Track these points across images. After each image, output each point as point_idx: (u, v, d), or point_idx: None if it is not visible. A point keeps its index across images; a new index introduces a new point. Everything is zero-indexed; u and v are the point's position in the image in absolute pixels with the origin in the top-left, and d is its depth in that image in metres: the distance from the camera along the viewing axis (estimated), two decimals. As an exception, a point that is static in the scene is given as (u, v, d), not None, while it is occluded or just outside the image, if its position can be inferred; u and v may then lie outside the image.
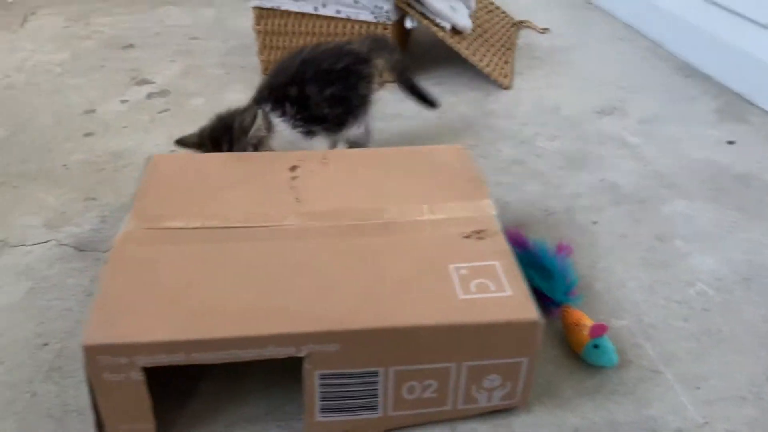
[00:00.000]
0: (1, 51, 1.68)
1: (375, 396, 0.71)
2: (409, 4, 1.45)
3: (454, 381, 0.71)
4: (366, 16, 1.45)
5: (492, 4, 1.83)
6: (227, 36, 1.82)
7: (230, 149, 0.99)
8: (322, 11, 1.46)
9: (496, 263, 0.75)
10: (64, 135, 1.32)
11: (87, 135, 1.32)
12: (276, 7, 1.48)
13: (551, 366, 0.82)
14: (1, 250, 1.01)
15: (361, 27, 1.46)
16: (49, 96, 1.47)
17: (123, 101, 1.46)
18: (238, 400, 0.78)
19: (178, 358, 0.65)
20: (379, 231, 0.79)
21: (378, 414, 0.72)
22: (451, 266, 0.74)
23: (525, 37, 1.79)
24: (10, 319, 0.89)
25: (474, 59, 1.49)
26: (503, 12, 1.84)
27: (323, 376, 0.68)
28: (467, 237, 0.78)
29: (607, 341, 0.81)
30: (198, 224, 0.79)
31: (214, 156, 0.98)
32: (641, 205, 1.12)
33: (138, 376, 0.66)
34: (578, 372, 0.82)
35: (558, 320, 0.86)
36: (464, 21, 1.52)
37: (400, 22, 1.50)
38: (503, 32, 1.73)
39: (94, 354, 0.64)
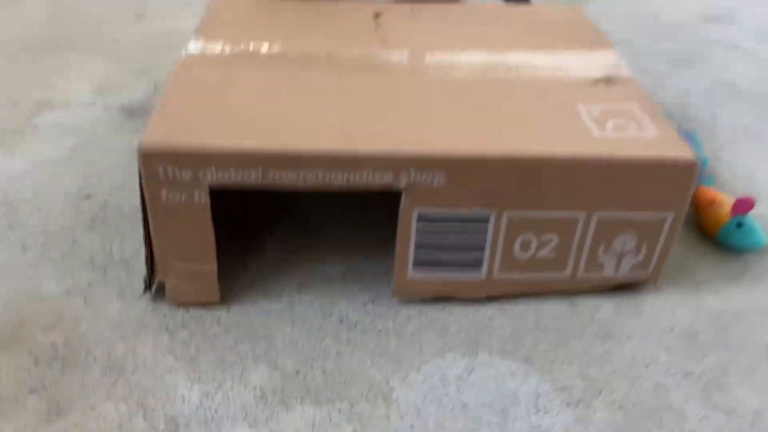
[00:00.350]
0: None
1: (481, 248, 0.58)
2: None
3: (579, 237, 0.58)
4: None
5: None
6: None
7: None
8: None
9: (635, 105, 0.61)
10: (112, 16, 1.21)
11: (138, 16, 1.21)
12: None
13: (679, 249, 0.69)
14: (43, 109, 0.91)
15: None
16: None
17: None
18: (309, 261, 0.66)
19: (253, 177, 0.53)
20: (490, 70, 0.66)
21: (482, 274, 0.60)
22: (581, 106, 0.61)
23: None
24: (51, 171, 0.78)
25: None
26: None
27: (423, 217, 0.56)
28: (595, 83, 0.65)
29: (753, 219, 0.67)
30: (277, 50, 0.67)
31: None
32: (766, 101, 0.97)
33: (203, 198, 0.54)
34: (714, 254, 0.69)
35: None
36: None
37: None
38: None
39: (152, 163, 0.52)
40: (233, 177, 0.53)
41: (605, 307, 0.62)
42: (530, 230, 0.57)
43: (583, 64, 0.68)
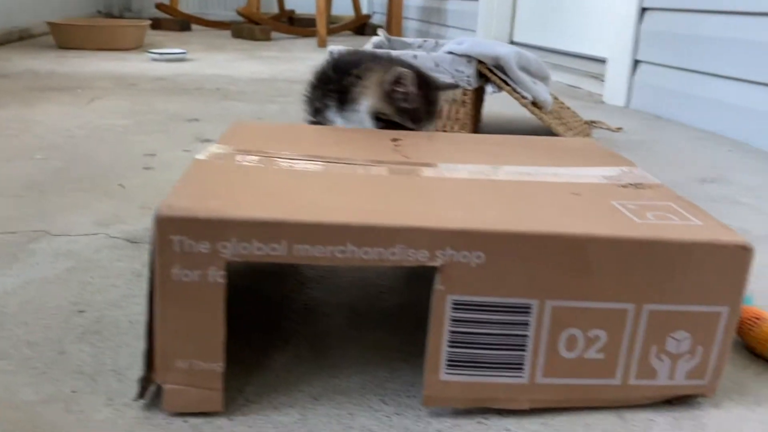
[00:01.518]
0: (65, 117, 1.65)
1: (523, 345, 0.52)
2: (491, 71, 1.41)
3: (629, 335, 0.53)
4: (446, 78, 1.40)
5: (563, 103, 1.79)
6: (290, 120, 1.79)
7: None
8: (401, 74, 1.42)
9: (671, 202, 0.59)
10: (122, 167, 1.22)
11: (146, 168, 1.23)
12: (353, 70, 1.44)
13: (730, 368, 0.63)
14: (42, 237, 0.87)
15: (440, 91, 1.41)
16: (110, 145, 1.40)
17: (185, 150, 1.38)
18: (322, 374, 0.59)
19: (278, 251, 0.49)
20: (519, 174, 0.65)
21: (524, 377, 0.53)
22: (615, 203, 0.59)
23: (598, 134, 1.72)
24: (43, 288, 0.73)
25: (558, 130, 1.42)
26: (574, 111, 1.80)
27: (458, 305, 0.51)
28: (624, 186, 0.64)
29: (805, 333, 0.62)
30: (299, 154, 0.66)
31: (301, 125, 0.86)
32: (781, 244, 0.96)
33: (219, 277, 0.49)
34: (767, 373, 0.62)
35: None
36: (545, 95, 1.46)
37: (479, 88, 1.45)
38: (578, 123, 1.67)
39: (168, 232, 0.48)
40: (256, 250, 0.49)
41: (660, 421, 0.54)
42: (576, 325, 0.52)
43: (609, 173, 0.67)
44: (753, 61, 1.63)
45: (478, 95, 1.50)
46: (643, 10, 2.06)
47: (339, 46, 1.25)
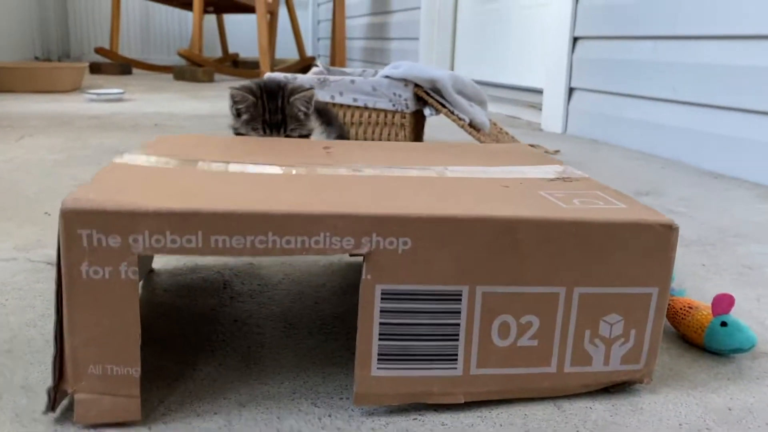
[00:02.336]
0: (-7, 154, 1.59)
1: (455, 336, 0.51)
2: (428, 94, 1.42)
3: (562, 319, 0.52)
4: (384, 104, 1.41)
5: (502, 128, 1.82)
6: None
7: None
8: (339, 99, 1.42)
9: (597, 192, 0.60)
10: (49, 197, 1.17)
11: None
12: (291, 96, 1.44)
13: (667, 357, 0.63)
14: (-44, 262, 0.82)
15: (378, 115, 1.42)
16: (37, 177, 1.35)
17: (119, 180, 1.33)
18: (250, 381, 0.56)
19: (193, 243, 0.46)
20: (447, 172, 0.65)
21: (458, 371, 0.51)
22: (543, 192, 0.58)
23: (537, 159, 1.75)
24: (-47, 309, 0.68)
25: (495, 150, 1.43)
26: (513, 136, 1.83)
27: (387, 295, 0.49)
28: (552, 180, 0.64)
29: (736, 319, 0.63)
30: (222, 159, 0.64)
31: (229, 137, 0.85)
32: (713, 246, 0.98)
33: (131, 273, 0.46)
34: (705, 359, 0.62)
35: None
36: (482, 118, 1.49)
37: (418, 111, 1.46)
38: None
39: (75, 227, 0.45)
40: (169, 243, 0.46)
41: (598, 408, 0.53)
42: (508, 311, 0.51)
43: (537, 170, 0.68)
44: (682, 82, 1.70)
45: (417, 119, 1.51)
46: (575, 39, 2.13)
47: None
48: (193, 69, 3.91)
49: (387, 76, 1.39)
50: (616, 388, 0.55)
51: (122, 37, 4.77)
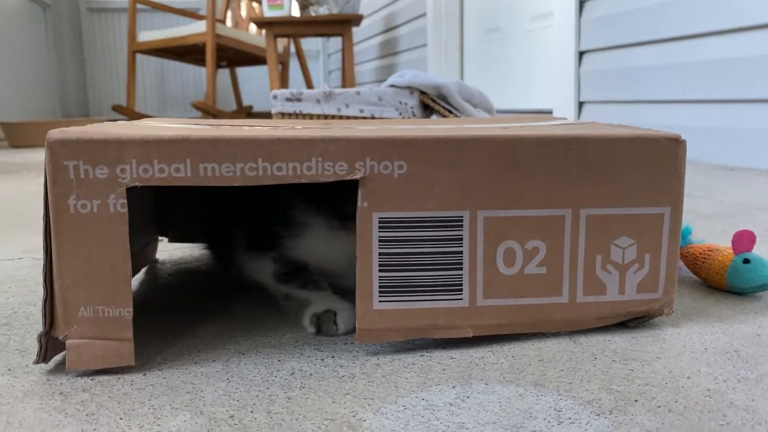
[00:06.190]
0: (4, 189, 1.61)
1: (459, 264, 0.48)
2: (433, 100, 1.42)
3: (570, 243, 0.49)
4: (390, 113, 1.41)
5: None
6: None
7: None
8: (345, 111, 1.43)
9: (599, 123, 0.58)
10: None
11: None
12: (298, 112, 1.45)
13: (689, 299, 0.60)
14: (-38, 262, 0.82)
15: (385, 125, 1.42)
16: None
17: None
18: (252, 334, 0.54)
19: (182, 172, 0.45)
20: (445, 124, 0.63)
21: (463, 301, 0.49)
22: (543, 123, 0.57)
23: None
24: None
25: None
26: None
27: (385, 223, 0.47)
28: (553, 125, 0.62)
29: (759, 256, 0.60)
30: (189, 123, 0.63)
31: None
32: (733, 217, 0.95)
33: (120, 206, 0.45)
34: (729, 299, 0.59)
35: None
36: (490, 124, 1.48)
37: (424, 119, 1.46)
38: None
39: (60, 156, 0.44)
40: (157, 173, 0.45)
41: (617, 340, 0.50)
42: (512, 236, 0.49)
43: (541, 123, 0.66)
44: (690, 81, 1.68)
45: (425, 129, 1.51)
46: (581, 53, 2.13)
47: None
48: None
49: (392, 85, 1.40)
50: (634, 322, 0.52)
51: (138, 94, 4.88)
